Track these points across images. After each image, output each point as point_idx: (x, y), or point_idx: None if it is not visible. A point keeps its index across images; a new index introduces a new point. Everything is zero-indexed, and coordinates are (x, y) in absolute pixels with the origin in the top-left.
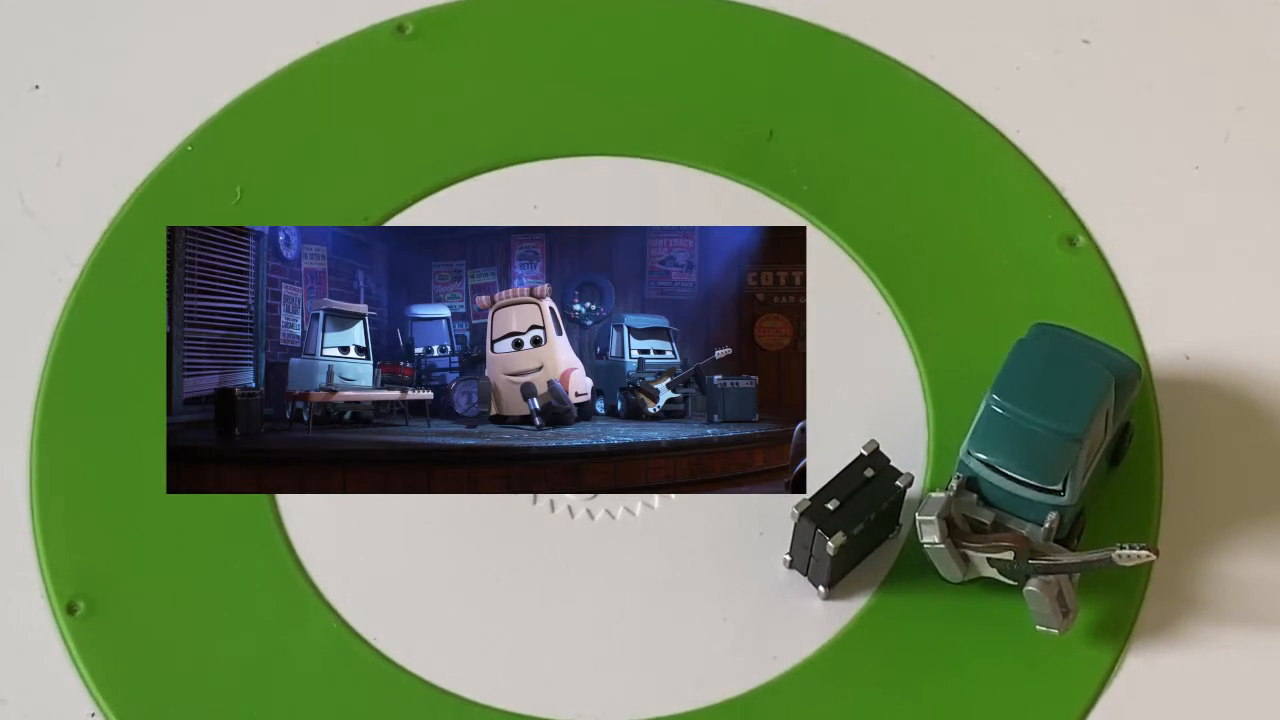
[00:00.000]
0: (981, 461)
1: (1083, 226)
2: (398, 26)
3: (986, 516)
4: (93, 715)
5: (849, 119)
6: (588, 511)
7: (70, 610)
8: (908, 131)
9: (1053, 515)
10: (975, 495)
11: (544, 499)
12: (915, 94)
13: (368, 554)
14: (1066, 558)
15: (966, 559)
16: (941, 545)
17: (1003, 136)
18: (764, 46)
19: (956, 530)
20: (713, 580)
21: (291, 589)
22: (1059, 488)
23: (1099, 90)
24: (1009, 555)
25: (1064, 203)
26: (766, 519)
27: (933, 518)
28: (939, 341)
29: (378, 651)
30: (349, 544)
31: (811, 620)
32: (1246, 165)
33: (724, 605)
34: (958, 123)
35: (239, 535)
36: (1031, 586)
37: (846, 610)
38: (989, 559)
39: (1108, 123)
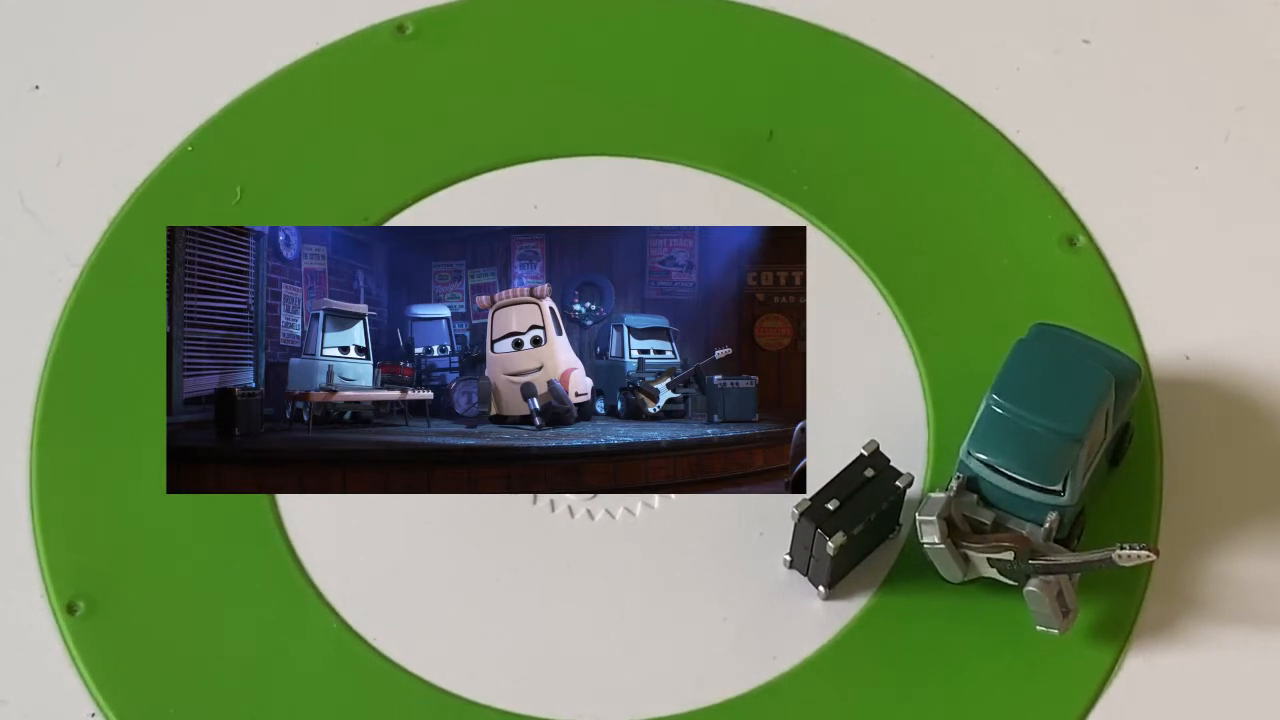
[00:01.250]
0: (981, 461)
1: (1083, 226)
2: (398, 26)
3: (986, 516)
4: (93, 715)
5: (849, 119)
6: (588, 511)
7: (70, 610)
8: (908, 131)
9: (1053, 515)
10: (975, 495)
11: (544, 499)
12: (915, 94)
13: (368, 554)
14: (1066, 558)
15: (966, 559)
16: (941, 545)
17: (1003, 136)
18: (764, 46)
19: (956, 530)
20: (713, 580)
21: (291, 589)
22: (1059, 488)
23: (1099, 90)
24: (1009, 555)
25: (1064, 203)
26: (766, 519)
27: (933, 518)
28: (939, 341)
29: (378, 651)
30: (349, 544)
31: (811, 620)
32: (1246, 165)
33: (724, 605)
34: (958, 123)
35: (239, 535)
36: (1031, 586)
37: (846, 610)
38: (989, 559)
39: (1108, 123)
